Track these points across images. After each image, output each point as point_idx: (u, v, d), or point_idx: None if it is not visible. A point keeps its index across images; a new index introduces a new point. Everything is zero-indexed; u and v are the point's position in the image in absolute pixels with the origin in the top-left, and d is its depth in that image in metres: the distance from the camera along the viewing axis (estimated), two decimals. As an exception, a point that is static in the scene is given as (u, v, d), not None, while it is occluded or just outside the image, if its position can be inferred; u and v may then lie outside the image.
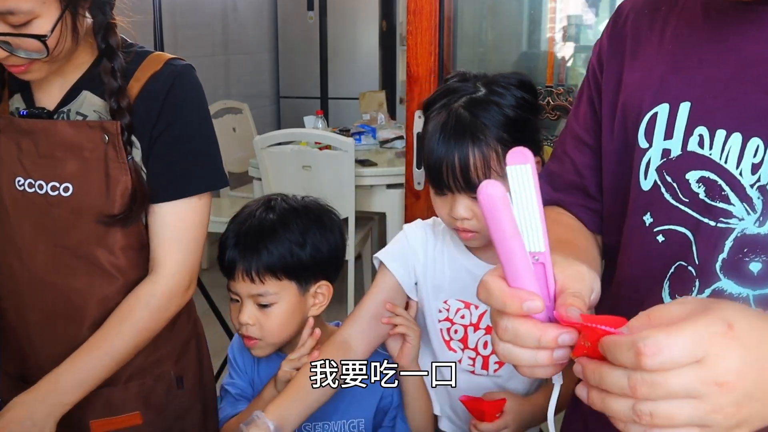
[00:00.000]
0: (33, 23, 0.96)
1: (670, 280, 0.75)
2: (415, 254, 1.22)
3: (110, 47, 1.08)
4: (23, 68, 1.01)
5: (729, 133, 0.70)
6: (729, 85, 0.70)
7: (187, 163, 1.12)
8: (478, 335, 1.19)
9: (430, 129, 1.10)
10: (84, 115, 1.09)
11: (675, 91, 0.75)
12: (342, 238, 1.26)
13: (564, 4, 2.39)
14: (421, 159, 1.97)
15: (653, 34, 0.79)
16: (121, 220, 1.07)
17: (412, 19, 1.91)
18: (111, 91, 1.06)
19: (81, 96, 1.10)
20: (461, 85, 1.13)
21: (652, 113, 0.76)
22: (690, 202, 0.73)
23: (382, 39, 5.37)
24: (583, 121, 0.89)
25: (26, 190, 1.08)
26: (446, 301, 1.22)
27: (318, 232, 1.21)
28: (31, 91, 1.12)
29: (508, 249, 0.55)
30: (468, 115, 1.07)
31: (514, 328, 0.57)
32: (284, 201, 1.25)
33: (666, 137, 0.75)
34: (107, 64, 1.07)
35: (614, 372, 0.51)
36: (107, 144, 1.06)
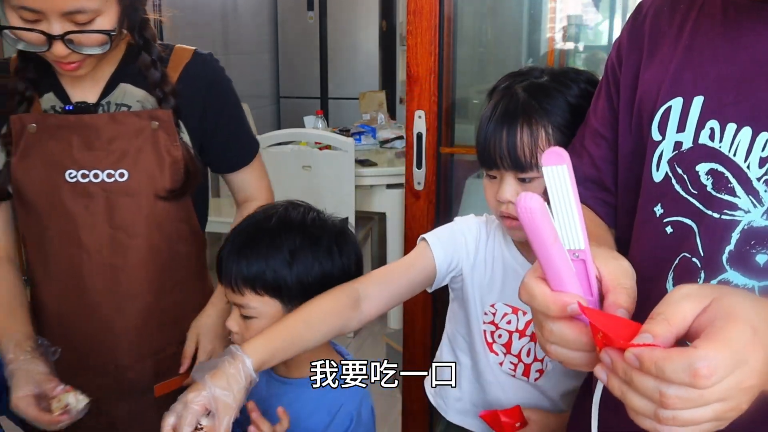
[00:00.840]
0: (96, 21, 1.02)
1: (674, 271, 0.76)
2: (465, 248, 1.18)
3: (147, 41, 1.15)
4: (77, 65, 1.06)
5: (740, 127, 0.71)
6: (742, 80, 0.71)
7: (244, 133, 1.31)
8: (523, 342, 1.17)
9: (488, 108, 1.11)
10: (127, 106, 1.16)
11: (689, 85, 0.76)
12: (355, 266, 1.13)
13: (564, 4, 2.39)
14: (421, 160, 1.98)
15: (671, 31, 0.80)
16: (176, 194, 1.18)
17: (412, 19, 1.91)
18: (154, 81, 1.16)
19: (119, 88, 1.17)
20: (527, 71, 1.14)
21: (666, 107, 0.77)
22: (698, 194, 0.74)
23: (382, 39, 5.38)
24: (600, 115, 0.90)
25: (80, 180, 1.14)
26: (493, 305, 1.19)
27: (314, 254, 1.07)
28: (64, 90, 1.16)
29: (549, 255, 0.57)
30: (525, 96, 1.08)
31: (560, 331, 0.60)
32: (288, 213, 1.12)
33: (678, 130, 0.76)
34: (146, 57, 1.15)
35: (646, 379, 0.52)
36: (157, 129, 1.15)
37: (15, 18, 1.00)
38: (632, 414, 0.55)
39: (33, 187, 1.15)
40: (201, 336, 1.23)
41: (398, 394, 2.43)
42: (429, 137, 1.96)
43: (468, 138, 2.08)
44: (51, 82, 1.16)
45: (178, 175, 1.18)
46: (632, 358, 0.53)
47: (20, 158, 1.14)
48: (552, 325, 0.60)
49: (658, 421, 0.52)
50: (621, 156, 0.86)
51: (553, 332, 0.60)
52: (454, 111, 2.05)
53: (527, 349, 1.17)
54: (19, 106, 1.14)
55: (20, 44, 1.03)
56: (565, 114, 1.06)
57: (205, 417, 0.90)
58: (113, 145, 1.14)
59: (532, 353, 1.17)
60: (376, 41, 5.34)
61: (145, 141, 1.15)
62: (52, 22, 0.99)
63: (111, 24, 1.03)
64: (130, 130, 1.15)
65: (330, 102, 5.50)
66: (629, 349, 0.53)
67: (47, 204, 1.15)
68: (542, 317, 0.61)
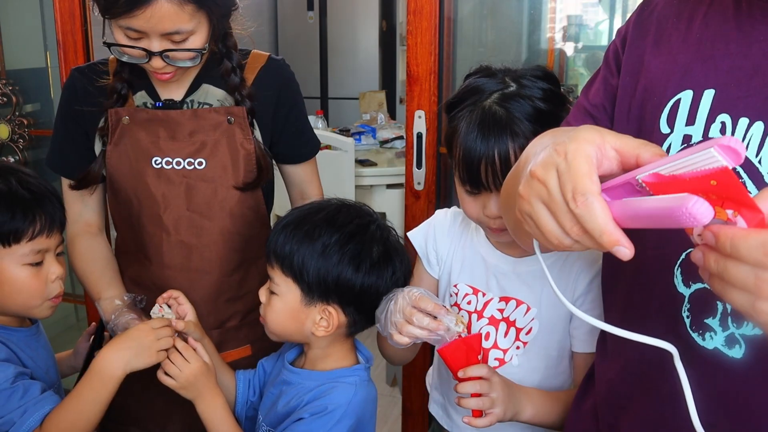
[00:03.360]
0: (189, 39, 1.18)
1: (681, 266, 0.76)
2: (441, 233, 1.27)
3: (229, 50, 1.32)
4: (170, 75, 1.23)
5: (752, 122, 0.70)
6: (754, 74, 0.71)
7: (308, 131, 1.47)
8: (481, 324, 1.19)
9: (463, 128, 1.08)
10: (209, 104, 1.33)
11: (700, 78, 0.75)
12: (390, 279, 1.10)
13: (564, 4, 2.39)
14: (421, 160, 1.97)
15: (680, 23, 0.79)
16: (250, 186, 1.34)
17: (412, 19, 1.91)
18: (233, 86, 1.32)
19: (201, 88, 1.34)
20: (486, 82, 1.12)
21: (675, 99, 0.76)
22: None
23: (382, 39, 5.37)
24: (592, 96, 0.89)
25: (164, 167, 1.31)
26: (456, 285, 1.23)
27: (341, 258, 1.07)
28: (154, 89, 1.34)
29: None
30: (503, 111, 1.06)
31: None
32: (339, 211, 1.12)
33: (688, 123, 0.75)
34: (227, 64, 1.32)
35: (740, 267, 0.50)
36: (233, 125, 1.31)
37: (121, 35, 1.17)
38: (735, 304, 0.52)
39: (123, 171, 1.32)
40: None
41: (398, 394, 2.42)
42: (429, 137, 1.96)
43: (468, 138, 2.07)
44: (144, 83, 1.33)
45: (251, 167, 1.33)
46: (709, 235, 0.51)
47: (114, 145, 1.31)
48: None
49: (756, 315, 0.50)
50: None
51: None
52: (454, 111, 2.05)
53: (486, 332, 1.18)
54: (116, 102, 1.31)
55: (124, 57, 1.21)
56: (536, 120, 1.06)
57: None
58: (194, 137, 1.31)
59: (492, 338, 1.18)
60: (376, 41, 5.34)
61: (222, 134, 1.31)
62: (152, 40, 1.16)
63: (202, 43, 1.20)
64: (209, 124, 1.31)
65: (330, 102, 5.50)
66: (708, 228, 0.50)
67: (135, 186, 1.32)
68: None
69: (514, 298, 1.17)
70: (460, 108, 1.12)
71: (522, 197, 0.63)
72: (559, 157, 0.59)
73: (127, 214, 1.36)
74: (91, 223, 1.40)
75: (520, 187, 0.64)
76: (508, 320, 1.18)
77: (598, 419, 0.91)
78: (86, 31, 2.19)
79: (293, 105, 1.42)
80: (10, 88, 2.53)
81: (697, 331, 0.74)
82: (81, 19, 2.16)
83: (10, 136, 2.53)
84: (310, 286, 1.08)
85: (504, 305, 1.18)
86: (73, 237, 1.39)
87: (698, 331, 0.74)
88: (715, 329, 0.73)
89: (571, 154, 0.58)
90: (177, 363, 1.14)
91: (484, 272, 1.20)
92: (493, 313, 1.19)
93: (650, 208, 0.53)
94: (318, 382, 1.11)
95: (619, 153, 0.60)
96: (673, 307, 0.76)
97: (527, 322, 1.16)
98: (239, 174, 1.33)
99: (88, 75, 1.34)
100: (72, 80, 1.36)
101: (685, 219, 0.50)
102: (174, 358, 1.15)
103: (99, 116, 1.33)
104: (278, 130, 1.40)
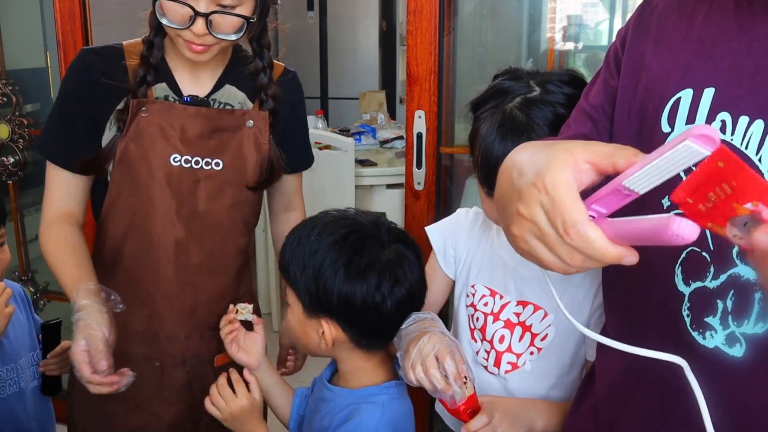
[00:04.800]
0: (237, 8, 1.15)
1: (682, 265, 0.76)
2: (461, 232, 1.26)
3: (263, 48, 1.32)
4: (205, 48, 1.18)
5: (752, 120, 0.70)
6: (754, 73, 0.71)
7: (307, 145, 1.49)
8: (496, 326, 1.19)
9: (484, 130, 1.09)
10: (230, 105, 1.32)
11: (700, 76, 0.75)
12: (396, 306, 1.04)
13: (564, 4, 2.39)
14: (421, 160, 1.97)
15: (681, 22, 0.80)
16: (261, 185, 1.34)
17: (412, 19, 1.91)
18: (261, 85, 1.31)
19: (224, 89, 1.32)
20: (513, 85, 1.12)
21: (675, 98, 0.76)
22: None
23: (382, 39, 5.37)
24: (593, 97, 0.89)
25: (182, 165, 1.27)
26: (474, 286, 1.23)
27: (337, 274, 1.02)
28: (176, 82, 1.30)
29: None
30: (524, 116, 1.07)
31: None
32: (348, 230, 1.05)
33: (688, 121, 0.75)
34: (259, 63, 1.31)
35: None
36: (252, 128, 1.30)
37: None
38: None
39: (141, 165, 1.26)
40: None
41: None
42: (429, 137, 1.96)
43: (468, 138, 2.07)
44: (164, 74, 1.29)
45: (264, 170, 1.33)
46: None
47: (132, 137, 1.25)
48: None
49: None
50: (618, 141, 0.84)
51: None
52: (454, 111, 2.05)
53: (500, 335, 1.18)
54: (139, 87, 1.25)
55: (164, 19, 1.15)
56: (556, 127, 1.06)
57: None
58: (214, 137, 1.28)
59: (506, 341, 1.18)
60: (376, 41, 5.34)
61: (242, 137, 1.30)
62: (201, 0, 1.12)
63: (250, 12, 1.17)
64: (230, 125, 1.29)
65: (330, 102, 5.50)
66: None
67: (148, 184, 1.27)
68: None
69: (531, 303, 1.16)
70: (484, 109, 1.12)
71: (516, 237, 0.64)
72: (540, 193, 0.59)
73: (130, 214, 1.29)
74: (72, 213, 1.31)
75: (513, 227, 0.64)
76: (524, 325, 1.17)
77: (597, 419, 0.91)
78: (86, 31, 2.19)
79: (300, 117, 1.45)
80: (10, 88, 2.53)
81: (697, 330, 0.74)
82: (81, 19, 2.16)
83: (10, 136, 2.54)
84: (303, 296, 1.06)
85: (521, 309, 1.17)
86: (50, 223, 1.29)
87: (698, 330, 0.74)
88: (716, 328, 0.73)
89: (550, 187, 0.59)
90: (225, 396, 1.14)
91: (502, 275, 1.20)
92: (509, 317, 1.18)
93: (638, 229, 0.54)
94: (347, 401, 1.09)
95: (593, 165, 0.60)
96: (673, 306, 0.76)
97: (543, 328, 1.16)
98: (253, 176, 1.32)
99: (103, 55, 1.28)
100: (85, 61, 1.27)
101: (672, 239, 0.50)
102: (222, 391, 1.14)
103: (115, 100, 1.27)
104: (284, 140, 1.39)
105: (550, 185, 0.59)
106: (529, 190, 0.61)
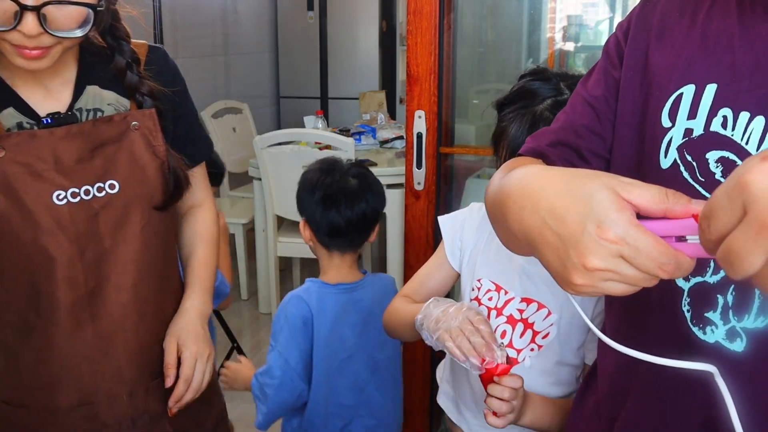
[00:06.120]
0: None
1: None
2: (470, 227, 1.26)
3: (120, 42, 1.06)
4: (41, 52, 0.92)
5: (753, 116, 0.70)
6: (756, 69, 0.71)
7: (201, 128, 1.27)
8: (499, 321, 1.19)
9: (513, 130, 1.10)
10: (101, 110, 1.06)
11: (702, 72, 0.75)
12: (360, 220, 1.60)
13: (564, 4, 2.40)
14: (421, 160, 1.98)
15: (684, 18, 0.80)
16: (172, 199, 1.12)
17: (412, 19, 1.91)
18: (132, 85, 1.07)
19: (87, 92, 1.05)
20: (540, 86, 1.12)
21: (677, 93, 0.77)
22: (706, 182, 0.73)
23: (382, 39, 5.38)
24: (592, 87, 0.88)
25: (70, 200, 1.01)
26: (480, 279, 1.23)
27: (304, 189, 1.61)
28: (24, 101, 1.02)
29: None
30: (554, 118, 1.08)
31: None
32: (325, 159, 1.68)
33: (690, 117, 0.75)
34: (121, 60, 1.06)
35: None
36: (139, 129, 1.07)
37: None
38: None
39: (18, 220, 0.98)
40: (181, 339, 1.13)
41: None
42: (429, 137, 1.96)
43: (468, 138, 2.08)
44: (7, 97, 1.00)
45: (167, 180, 1.09)
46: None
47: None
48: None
49: None
50: (617, 138, 0.85)
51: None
52: (454, 111, 2.06)
53: (502, 330, 1.19)
54: None
55: None
56: None
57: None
58: (97, 156, 1.03)
59: (507, 336, 1.18)
60: (376, 41, 5.34)
61: (130, 145, 1.06)
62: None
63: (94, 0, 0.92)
64: (112, 135, 1.04)
65: (330, 102, 5.50)
66: None
67: (39, 235, 1.00)
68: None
69: (536, 301, 1.17)
70: (511, 109, 1.12)
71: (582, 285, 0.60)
72: (616, 245, 0.56)
73: (27, 283, 1.02)
74: None
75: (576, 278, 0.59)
76: (526, 322, 1.18)
77: (599, 418, 0.91)
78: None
79: (184, 99, 1.18)
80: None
81: (697, 325, 0.74)
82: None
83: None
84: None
85: (525, 306, 1.18)
86: None
87: (699, 325, 0.74)
88: (716, 323, 0.73)
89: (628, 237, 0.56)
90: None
91: (509, 270, 1.21)
92: (512, 312, 1.19)
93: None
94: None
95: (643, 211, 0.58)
96: (672, 301, 0.76)
97: (545, 327, 1.16)
98: (157, 191, 1.08)
99: None
100: None
101: None
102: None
103: None
104: (175, 135, 1.15)
105: (626, 235, 0.56)
106: (596, 244, 0.57)
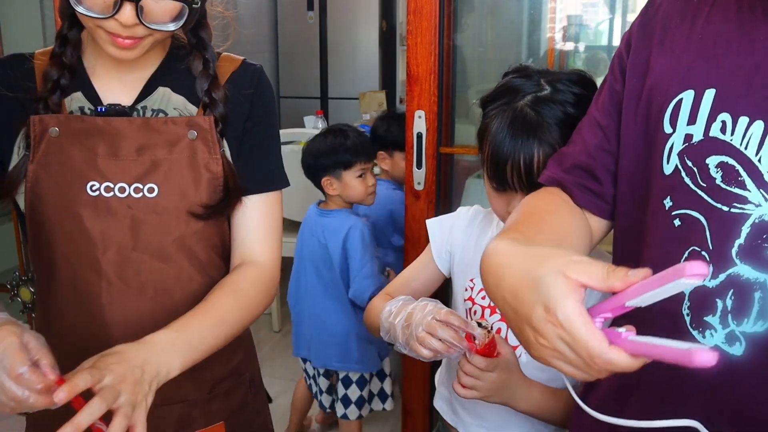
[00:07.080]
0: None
1: None
2: (458, 229, 1.27)
3: (202, 40, 1.07)
4: (134, 42, 0.93)
5: (752, 121, 0.70)
6: (755, 73, 0.71)
7: (274, 158, 1.14)
8: (494, 318, 1.20)
9: (495, 127, 1.10)
10: (164, 112, 1.04)
11: (701, 77, 0.75)
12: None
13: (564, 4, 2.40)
14: (421, 160, 1.98)
15: (684, 23, 0.80)
16: (212, 213, 1.03)
17: (412, 19, 1.91)
18: (204, 83, 1.04)
19: (158, 92, 1.04)
20: (523, 83, 1.13)
21: (677, 99, 0.77)
22: (707, 187, 0.74)
23: (382, 39, 5.37)
24: (601, 103, 0.90)
25: (102, 194, 0.99)
26: (473, 279, 1.23)
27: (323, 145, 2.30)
28: (95, 90, 1.03)
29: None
30: (534, 115, 1.08)
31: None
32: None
33: (689, 122, 0.75)
34: (199, 55, 1.05)
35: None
36: (195, 140, 1.02)
37: None
38: None
39: (48, 200, 0.99)
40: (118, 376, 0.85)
41: (398, 393, 2.43)
42: (429, 137, 1.96)
43: (468, 138, 2.08)
44: (80, 81, 1.02)
45: (216, 194, 1.04)
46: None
47: (38, 166, 0.99)
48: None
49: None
50: (623, 145, 0.85)
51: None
52: (454, 111, 2.06)
53: (498, 327, 1.19)
54: (51, 94, 0.99)
55: (80, 7, 0.89)
56: (566, 126, 1.07)
57: None
58: (143, 155, 1.00)
59: (503, 333, 1.19)
60: (376, 41, 5.34)
61: (181, 153, 1.02)
62: None
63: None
64: (164, 139, 1.01)
65: (330, 102, 5.50)
66: None
67: (62, 220, 1.00)
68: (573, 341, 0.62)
69: None
70: (494, 106, 1.13)
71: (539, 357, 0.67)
72: (557, 329, 0.62)
73: (51, 256, 1.02)
74: None
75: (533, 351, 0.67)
76: None
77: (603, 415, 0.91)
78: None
79: (263, 117, 1.11)
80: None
81: (697, 329, 0.74)
82: (81, 18, 2.16)
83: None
84: None
85: None
86: None
87: (698, 328, 0.74)
88: (716, 327, 0.73)
89: (566, 324, 0.61)
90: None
91: None
92: None
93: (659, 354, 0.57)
94: None
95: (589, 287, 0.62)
96: (673, 305, 0.76)
97: None
98: (202, 201, 1.03)
99: (4, 63, 1.03)
100: None
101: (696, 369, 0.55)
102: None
103: (21, 114, 1.00)
104: (234, 148, 1.09)
105: (565, 322, 0.61)
106: (544, 325, 0.63)
